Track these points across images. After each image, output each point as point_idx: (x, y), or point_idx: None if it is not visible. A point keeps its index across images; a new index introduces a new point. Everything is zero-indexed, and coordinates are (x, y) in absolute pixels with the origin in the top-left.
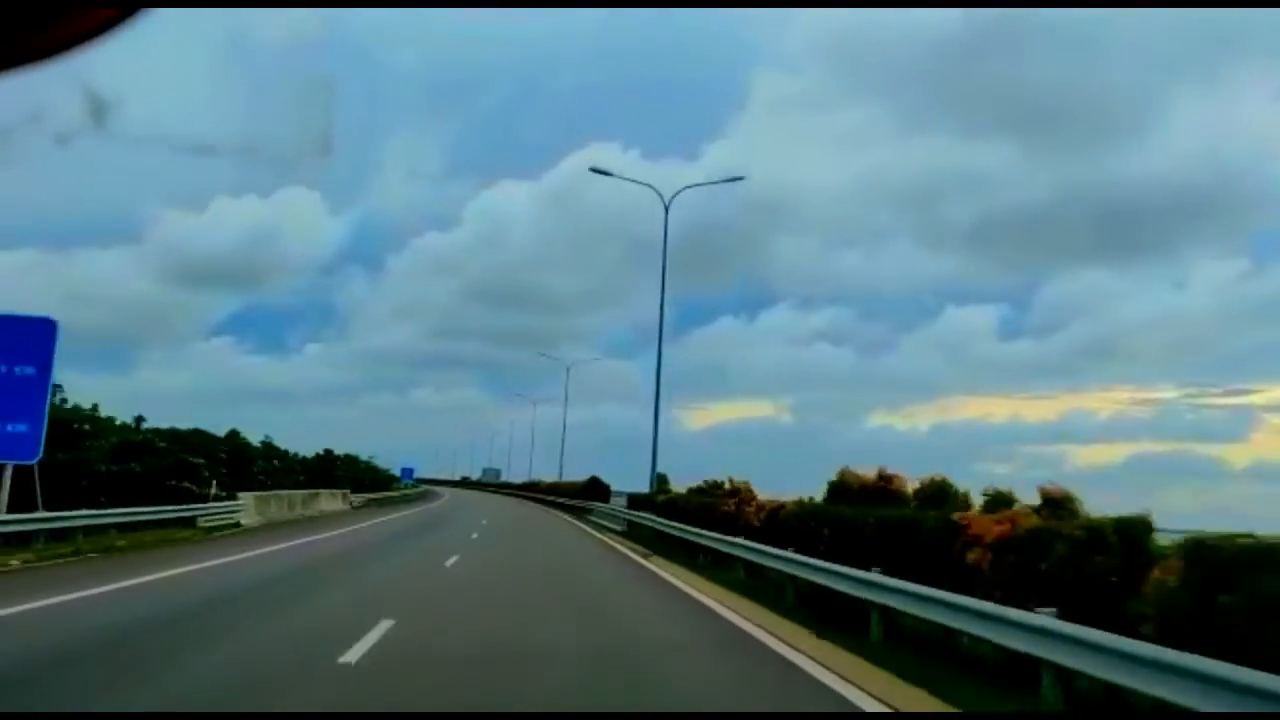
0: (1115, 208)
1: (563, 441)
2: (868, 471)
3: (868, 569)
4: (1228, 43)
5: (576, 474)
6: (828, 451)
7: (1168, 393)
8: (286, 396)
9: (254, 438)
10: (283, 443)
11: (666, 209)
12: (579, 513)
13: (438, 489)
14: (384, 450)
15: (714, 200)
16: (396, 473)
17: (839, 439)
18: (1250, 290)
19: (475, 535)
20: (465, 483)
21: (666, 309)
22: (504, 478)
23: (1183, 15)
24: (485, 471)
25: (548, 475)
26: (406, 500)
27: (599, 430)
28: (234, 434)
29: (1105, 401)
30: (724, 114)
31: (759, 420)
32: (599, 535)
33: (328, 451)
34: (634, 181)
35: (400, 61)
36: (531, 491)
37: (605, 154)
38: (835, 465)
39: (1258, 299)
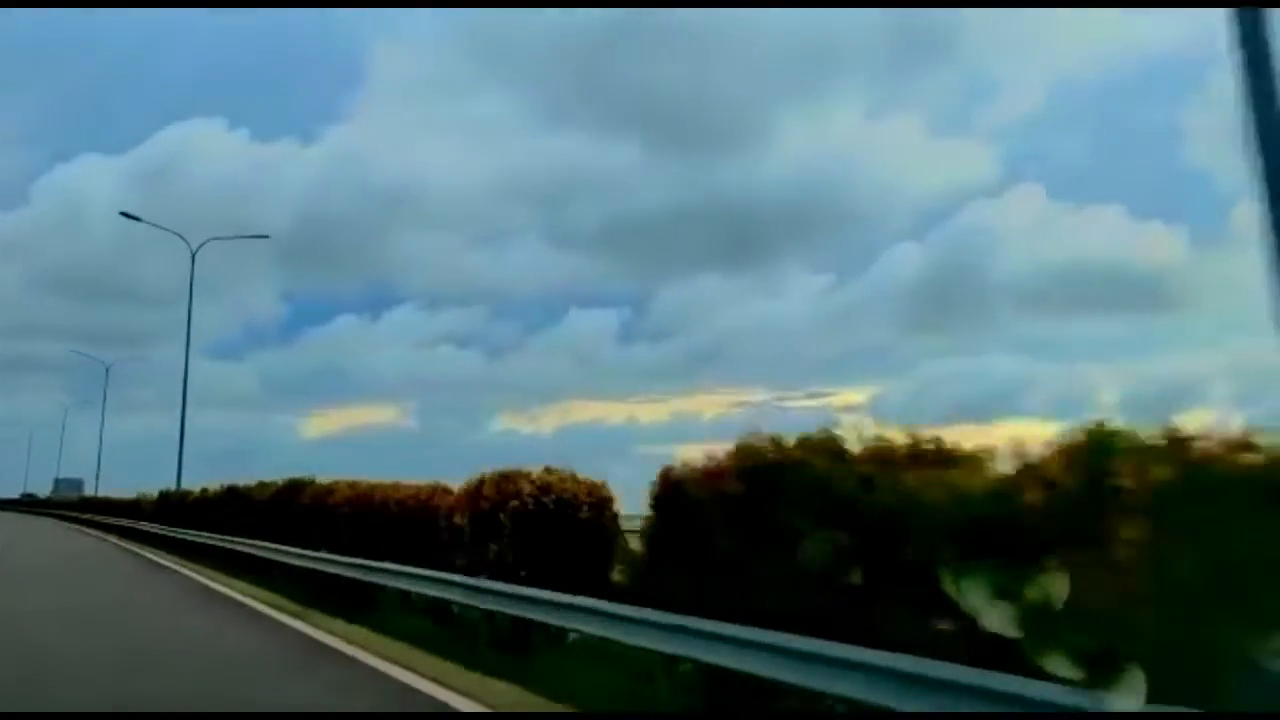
0: (727, 216)
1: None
2: None
3: None
4: (825, 63)
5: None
6: (452, 456)
7: (760, 395)
8: None
9: None
10: None
11: (193, 257)
12: None
13: None
14: None
15: (333, 189)
16: None
17: (464, 442)
18: (833, 302)
19: None
20: (26, 502)
21: (278, 305)
22: (94, 491)
23: (791, 32)
24: (59, 484)
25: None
26: None
27: (201, 439)
28: None
29: (709, 404)
30: (345, 93)
31: (382, 425)
32: None
33: None
34: (159, 227)
35: None
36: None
37: (209, 132)
38: (459, 469)
39: (838, 310)
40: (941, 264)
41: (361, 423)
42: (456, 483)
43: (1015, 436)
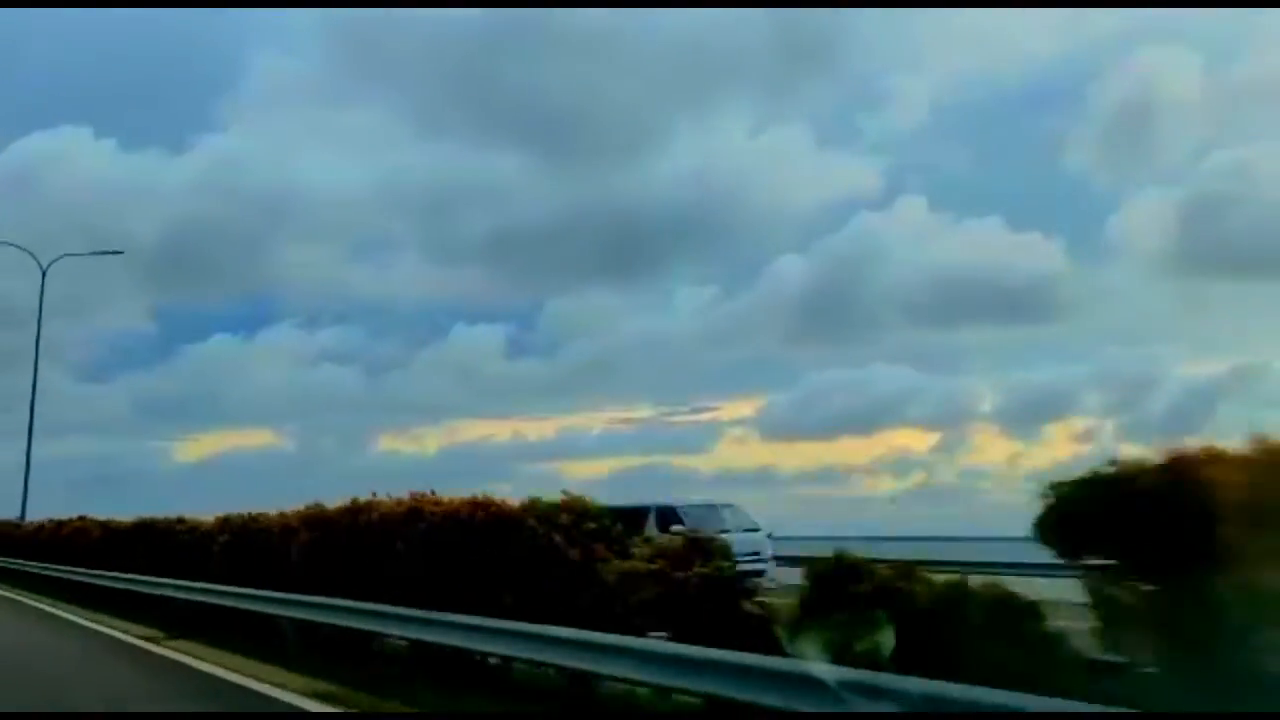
0: (615, 229)
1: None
2: None
3: None
4: (715, 72)
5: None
6: (332, 478)
7: (646, 411)
8: None
9: None
10: None
11: (44, 273)
12: None
13: None
14: None
15: (206, 200)
16: None
17: (345, 465)
18: (719, 315)
19: None
20: None
21: (148, 324)
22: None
23: (681, 38)
24: None
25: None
26: None
27: (68, 467)
28: None
29: (596, 420)
30: (218, 100)
31: (259, 449)
32: None
33: None
34: (8, 244)
35: None
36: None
37: (74, 141)
38: (339, 494)
39: (724, 323)
40: (827, 276)
41: (237, 446)
42: None
43: (897, 445)
